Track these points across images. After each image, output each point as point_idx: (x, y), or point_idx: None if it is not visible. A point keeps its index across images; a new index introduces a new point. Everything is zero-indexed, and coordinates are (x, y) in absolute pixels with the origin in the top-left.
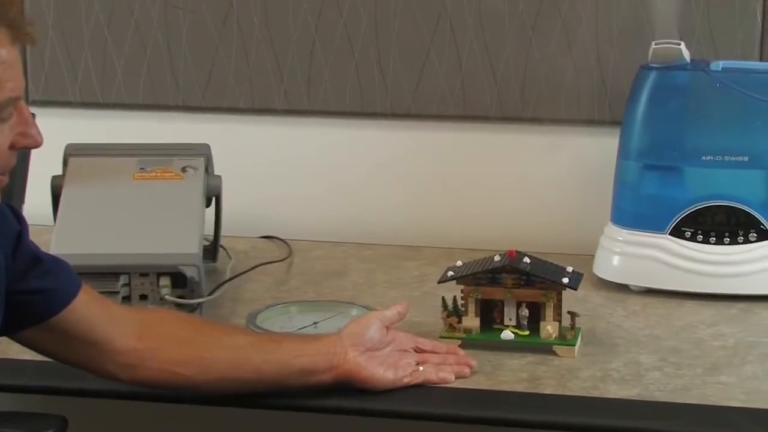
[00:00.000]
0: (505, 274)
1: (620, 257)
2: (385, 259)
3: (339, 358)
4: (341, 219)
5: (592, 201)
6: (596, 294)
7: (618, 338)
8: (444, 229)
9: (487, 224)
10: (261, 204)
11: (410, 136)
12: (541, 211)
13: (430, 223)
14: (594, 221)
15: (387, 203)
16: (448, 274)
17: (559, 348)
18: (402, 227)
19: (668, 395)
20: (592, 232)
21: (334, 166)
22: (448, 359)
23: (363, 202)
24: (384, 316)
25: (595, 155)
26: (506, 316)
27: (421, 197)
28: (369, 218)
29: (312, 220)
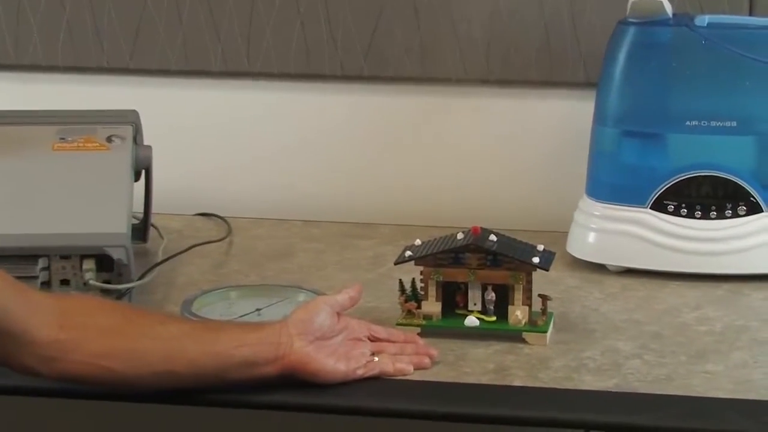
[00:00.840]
0: (469, 253)
1: (596, 234)
2: (336, 238)
3: (285, 348)
4: (286, 194)
5: (565, 172)
6: (570, 275)
7: (594, 324)
8: (401, 205)
9: (449, 199)
10: (196, 178)
11: (363, 101)
12: (509, 183)
13: (386, 197)
14: (567, 194)
15: (337, 176)
16: (406, 254)
17: (529, 335)
18: (354, 203)
19: (649, 386)
20: (566, 207)
21: (277, 135)
22: (406, 349)
23: (310, 175)
24: (334, 302)
25: (569, 121)
26: (470, 301)
27: (375, 169)
28: (317, 193)
29: (253, 196)
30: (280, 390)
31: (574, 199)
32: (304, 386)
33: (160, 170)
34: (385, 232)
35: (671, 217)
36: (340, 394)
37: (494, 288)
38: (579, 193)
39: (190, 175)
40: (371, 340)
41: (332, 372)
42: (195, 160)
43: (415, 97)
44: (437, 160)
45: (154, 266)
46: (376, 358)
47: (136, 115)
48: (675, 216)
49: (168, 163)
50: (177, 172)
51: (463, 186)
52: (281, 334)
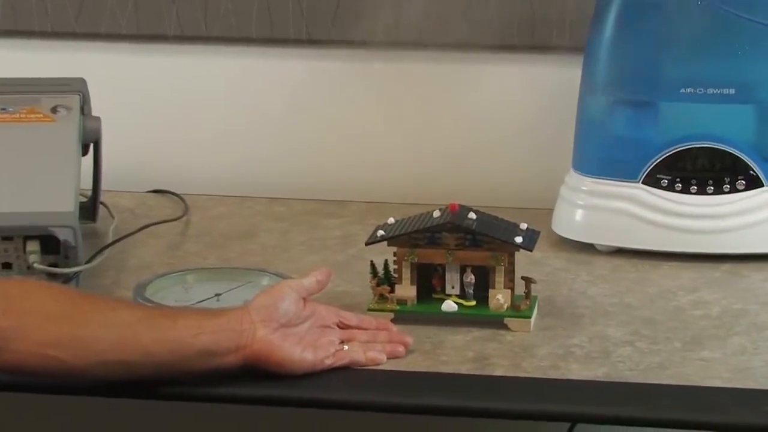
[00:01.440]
0: (447, 233)
1: (584, 211)
2: (302, 216)
3: (247, 336)
4: (248, 169)
5: (550, 145)
6: (556, 256)
7: (582, 308)
8: (373, 181)
9: (424, 173)
10: (149, 152)
11: (331, 68)
12: (490, 157)
13: (356, 172)
14: (553, 169)
15: (304, 150)
16: (378, 234)
17: (512, 321)
18: (322, 178)
19: (641, 375)
20: (551, 182)
21: (238, 105)
22: (378, 336)
23: (274, 148)
24: (301, 286)
25: (554, 90)
26: (448, 284)
27: (345, 142)
28: (282, 168)
29: (212, 171)
30: (242, 381)
31: (560, 173)
32: (268, 377)
33: (110, 143)
34: (355, 209)
35: (665, 193)
36: (307, 385)
37: (474, 270)
38: (565, 167)
39: (142, 148)
40: (341, 327)
41: (299, 362)
42: (148, 132)
43: (387, 64)
44: (411, 131)
45: (104, 248)
46: (346, 347)
47: (83, 83)
48: (669, 191)
49: (118, 135)
50: (128, 145)
51: (440, 160)
52: (243, 321)
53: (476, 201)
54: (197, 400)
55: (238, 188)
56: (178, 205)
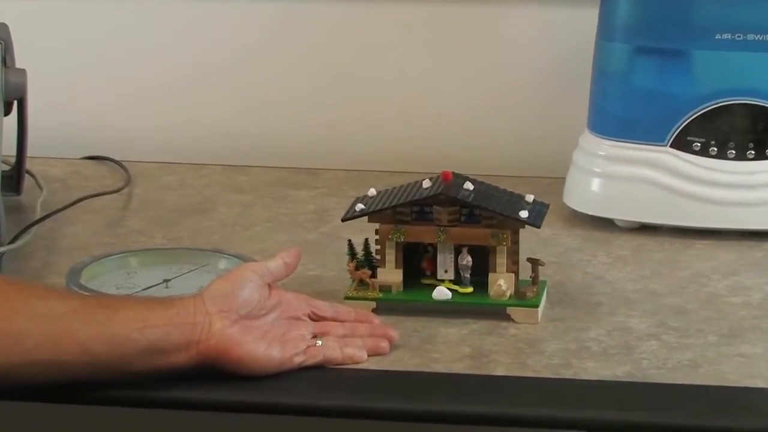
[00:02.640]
0: (438, 206)
1: (602, 180)
2: (267, 187)
3: (201, 330)
4: (201, 132)
5: (561, 101)
6: (568, 233)
7: (599, 295)
8: (350, 144)
9: (412, 136)
10: (85, 111)
11: (300, 10)
12: (490, 116)
13: (331, 134)
14: (565, 130)
15: (268, 106)
16: (357, 208)
17: (516, 311)
18: (291, 141)
19: (669, 374)
20: (562, 146)
21: (186, 55)
22: (357, 329)
23: (233, 105)
24: (265, 270)
25: (565, 36)
26: (440, 267)
27: (318, 96)
28: (242, 129)
29: (159, 134)
30: (196, 383)
31: (573, 135)
32: (226, 378)
33: (37, 101)
34: (330, 179)
35: (697, 158)
36: (272, 387)
37: (471, 251)
38: (579, 127)
39: (76, 107)
40: (313, 318)
41: (263, 360)
42: (83, 88)
43: (367, 5)
44: (398, 86)
45: (31, 225)
46: (320, 342)
47: (5, 30)
48: (702, 156)
49: (47, 92)
50: (59, 104)
51: (431, 120)
52: (196, 312)
53: (474, 169)
54: (142, 406)
55: (190, 154)
56: (119, 174)
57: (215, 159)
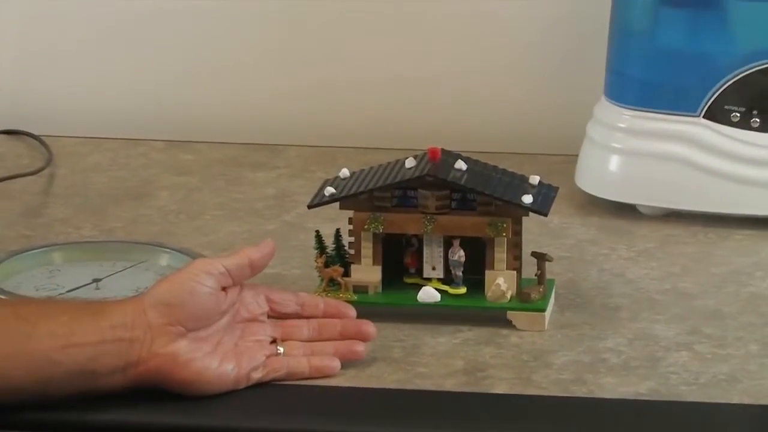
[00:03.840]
0: (425, 190)
1: (621, 158)
2: (217, 167)
3: (141, 348)
4: (138, 100)
5: (572, 63)
6: (581, 222)
7: (618, 297)
8: (319, 116)
9: (393, 106)
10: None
11: None
12: (487, 82)
13: (295, 104)
14: (577, 98)
15: (218, 70)
16: (327, 192)
17: (519, 316)
18: (246, 112)
19: (702, 390)
20: (574, 117)
21: (120, 4)
22: (327, 329)
23: (175, 68)
24: (222, 271)
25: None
26: (427, 264)
27: (277, 60)
28: (187, 97)
29: (86, 104)
30: (132, 404)
31: (586, 104)
32: (170, 398)
33: None
34: (294, 157)
35: (736, 131)
36: (226, 408)
37: (463, 243)
38: (595, 95)
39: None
40: (273, 316)
41: (216, 378)
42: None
43: None
44: (374, 47)
45: None
46: (281, 350)
47: None
48: (742, 129)
49: None
50: None
51: (414, 86)
52: (135, 324)
53: (467, 145)
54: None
55: (124, 128)
56: (38, 152)
57: (154, 133)
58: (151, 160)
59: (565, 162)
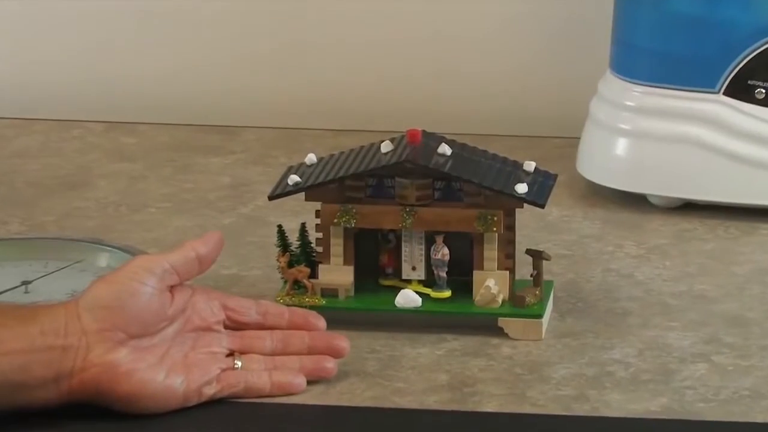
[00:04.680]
0: (404, 178)
1: (630, 141)
2: (164, 152)
3: (76, 356)
4: (72, 75)
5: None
6: (584, 215)
7: (626, 300)
8: (281, 93)
9: (366, 82)
10: None
11: None
12: (474, 54)
13: (254, 80)
14: (578, 71)
15: (165, 43)
16: (290, 182)
17: (512, 323)
18: (197, 90)
19: (722, 408)
20: (575, 94)
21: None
22: (291, 341)
23: (117, 40)
24: (166, 268)
25: None
26: (406, 263)
27: (234, 28)
28: (128, 71)
29: (12, 77)
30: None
31: (589, 79)
32: (110, 415)
33: None
34: (252, 141)
35: (761, 110)
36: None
37: (448, 240)
38: (599, 68)
39: None
40: (230, 327)
41: (161, 393)
42: None
43: None
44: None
45: None
46: (239, 364)
47: None
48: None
49: None
50: None
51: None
52: (69, 330)
53: (452, 127)
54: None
55: (56, 107)
56: None
57: (92, 114)
58: (88, 144)
59: (565, 146)
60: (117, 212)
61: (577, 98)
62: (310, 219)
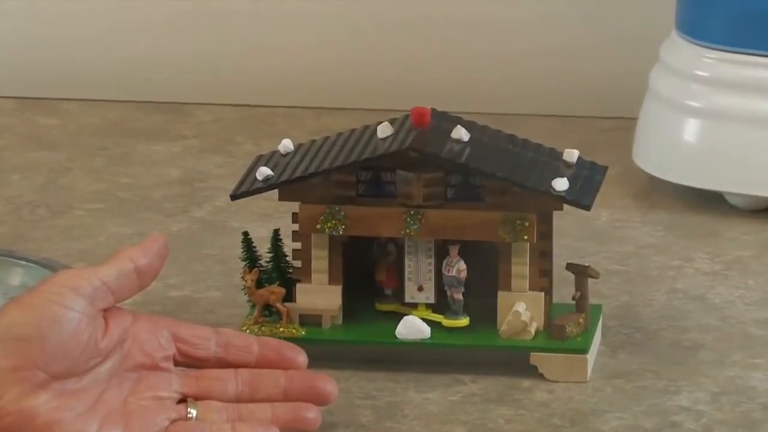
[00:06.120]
0: (407, 171)
1: (702, 123)
2: (95, 138)
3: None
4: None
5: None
6: (641, 219)
7: (697, 331)
8: (246, 62)
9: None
10: None
11: None
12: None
13: (211, 45)
14: (635, 33)
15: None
16: (260, 176)
17: (548, 359)
18: (136, 58)
19: None
20: (631, 63)
21: None
22: (263, 384)
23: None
24: (97, 285)
25: None
26: (410, 281)
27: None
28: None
29: None
30: None
31: (649, 41)
32: None
33: None
34: (207, 122)
35: None
36: None
37: (465, 252)
38: (662, 28)
39: None
40: (181, 361)
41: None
42: None
43: None
44: None
45: None
46: (193, 413)
47: None
48: None
49: None
50: None
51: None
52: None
53: (470, 104)
54: None
55: None
56: None
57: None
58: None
59: (616, 128)
60: (33, 215)
61: (632, 67)
62: (286, 224)
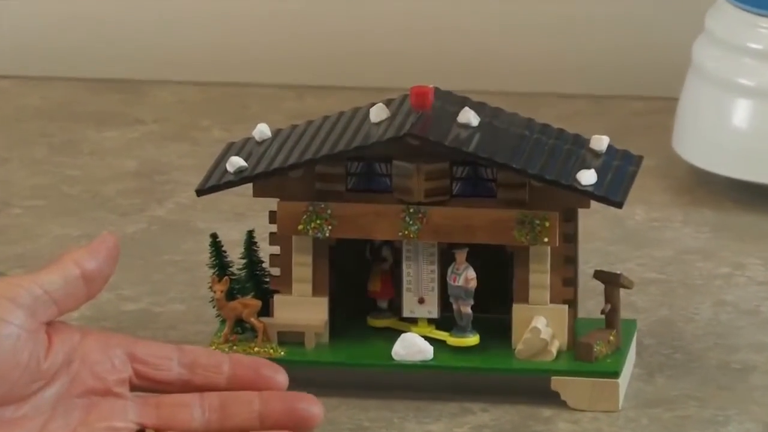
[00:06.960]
0: (406, 162)
1: (755, 105)
2: (36, 121)
3: None
4: None
5: None
6: (683, 218)
7: (748, 350)
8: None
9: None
10: None
11: None
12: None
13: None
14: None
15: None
16: (231, 168)
17: (572, 384)
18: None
19: None
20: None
21: None
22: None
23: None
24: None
25: None
26: (409, 292)
27: None
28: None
29: None
30: None
31: (693, 9)
32: None
33: None
34: (170, 103)
35: None
36: None
37: (474, 257)
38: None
39: None
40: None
41: None
42: None
43: None
44: None
45: None
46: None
47: None
48: None
49: None
50: None
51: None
52: None
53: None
54: None
55: None
56: None
57: None
58: None
59: (653, 111)
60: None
61: (672, 38)
62: (262, 225)
